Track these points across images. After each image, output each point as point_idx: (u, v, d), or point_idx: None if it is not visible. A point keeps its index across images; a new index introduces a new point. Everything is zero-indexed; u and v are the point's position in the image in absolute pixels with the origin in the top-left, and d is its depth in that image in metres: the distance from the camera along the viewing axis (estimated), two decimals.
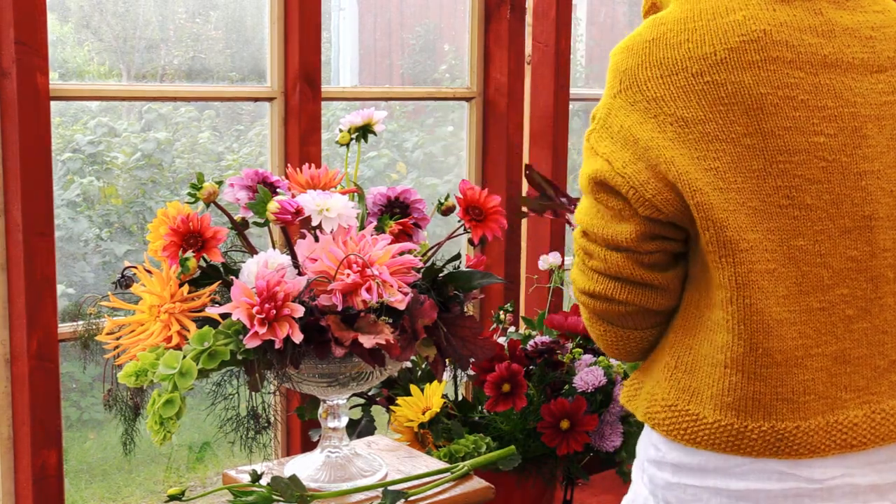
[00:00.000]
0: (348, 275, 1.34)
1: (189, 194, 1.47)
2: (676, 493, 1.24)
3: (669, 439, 1.24)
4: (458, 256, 1.58)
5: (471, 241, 1.59)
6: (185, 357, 1.31)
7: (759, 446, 1.18)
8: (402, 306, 1.37)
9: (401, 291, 1.37)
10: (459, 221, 1.58)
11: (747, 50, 1.15)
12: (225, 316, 1.36)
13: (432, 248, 1.57)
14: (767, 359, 1.16)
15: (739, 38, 1.16)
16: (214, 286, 1.45)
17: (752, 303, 1.15)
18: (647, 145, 1.16)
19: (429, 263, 1.53)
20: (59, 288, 1.94)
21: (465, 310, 1.53)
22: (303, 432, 2.19)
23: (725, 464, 1.20)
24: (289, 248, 1.46)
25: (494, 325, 2.24)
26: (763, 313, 1.15)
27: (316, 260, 1.38)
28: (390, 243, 1.41)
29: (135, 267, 1.46)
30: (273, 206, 1.42)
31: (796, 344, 1.16)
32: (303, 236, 1.45)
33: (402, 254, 1.41)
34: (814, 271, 1.16)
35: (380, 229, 1.55)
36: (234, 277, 1.40)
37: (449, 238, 1.59)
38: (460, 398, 2.09)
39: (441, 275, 1.52)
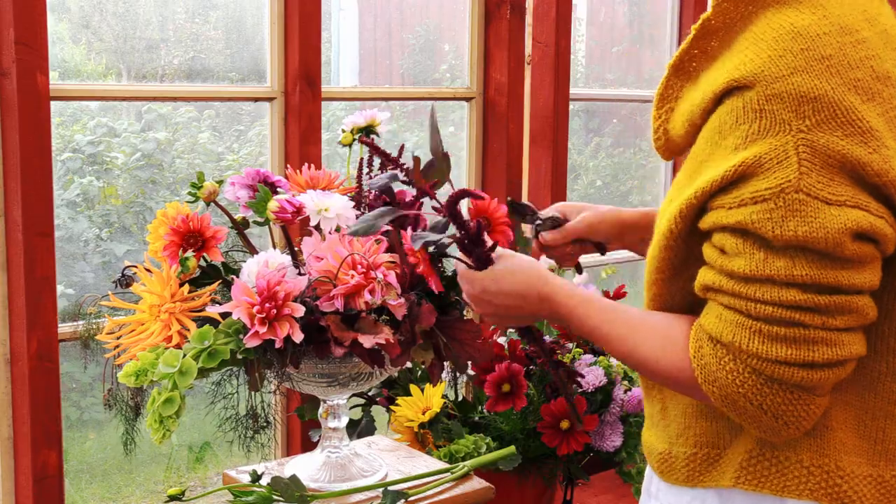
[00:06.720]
0: (353, 276, 1.34)
1: (189, 193, 1.47)
2: None
3: None
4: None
5: None
6: (185, 356, 1.31)
7: None
8: (401, 312, 1.36)
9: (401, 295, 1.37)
10: None
11: None
12: (225, 315, 1.35)
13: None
14: None
15: None
16: (215, 286, 1.45)
17: None
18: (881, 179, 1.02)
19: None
20: (59, 288, 1.93)
21: (465, 314, 1.53)
22: (303, 432, 2.19)
23: None
24: (289, 247, 1.46)
25: (494, 326, 2.24)
26: None
27: (321, 258, 1.38)
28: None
29: (135, 266, 1.46)
30: (273, 204, 1.42)
31: None
32: (309, 233, 1.44)
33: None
34: None
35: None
36: (234, 277, 1.40)
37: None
38: (460, 398, 2.09)
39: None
